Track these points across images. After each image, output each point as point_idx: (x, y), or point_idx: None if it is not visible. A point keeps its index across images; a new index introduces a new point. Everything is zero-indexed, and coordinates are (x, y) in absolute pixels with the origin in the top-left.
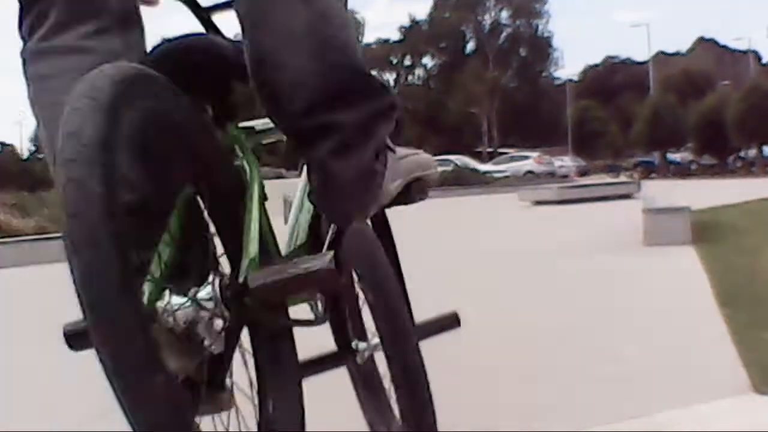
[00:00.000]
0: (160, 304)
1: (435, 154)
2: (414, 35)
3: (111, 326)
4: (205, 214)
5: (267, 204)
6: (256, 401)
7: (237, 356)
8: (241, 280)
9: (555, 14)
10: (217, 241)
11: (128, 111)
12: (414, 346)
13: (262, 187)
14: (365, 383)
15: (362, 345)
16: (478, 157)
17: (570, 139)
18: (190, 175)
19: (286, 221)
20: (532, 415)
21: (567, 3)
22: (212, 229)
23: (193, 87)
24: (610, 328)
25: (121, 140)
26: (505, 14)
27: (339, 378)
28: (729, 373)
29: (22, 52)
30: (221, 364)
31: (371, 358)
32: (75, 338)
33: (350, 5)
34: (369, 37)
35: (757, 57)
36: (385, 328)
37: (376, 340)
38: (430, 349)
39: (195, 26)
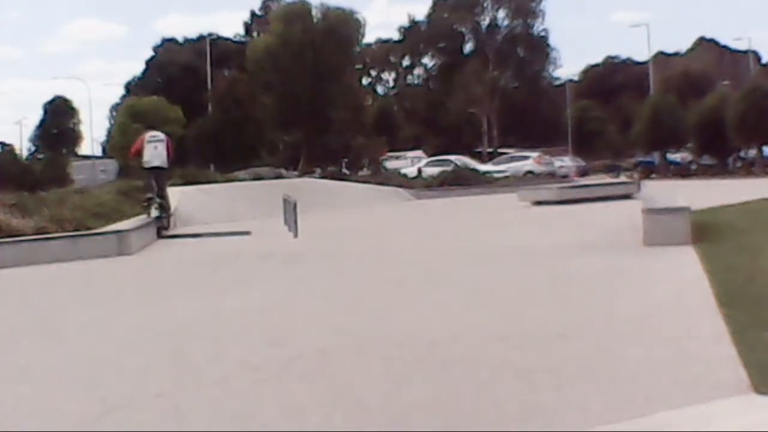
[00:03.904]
0: None
1: (435, 154)
2: (413, 35)
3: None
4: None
5: (267, 204)
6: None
7: None
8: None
9: (554, 14)
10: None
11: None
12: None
13: None
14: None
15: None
16: (478, 157)
17: (570, 139)
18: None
19: (285, 221)
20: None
21: (566, 3)
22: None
23: None
24: (611, 327)
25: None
26: (501, 14)
27: None
28: (729, 373)
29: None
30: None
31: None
32: (159, 231)
33: (350, 5)
34: (369, 37)
35: (757, 57)
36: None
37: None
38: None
39: (193, 26)
